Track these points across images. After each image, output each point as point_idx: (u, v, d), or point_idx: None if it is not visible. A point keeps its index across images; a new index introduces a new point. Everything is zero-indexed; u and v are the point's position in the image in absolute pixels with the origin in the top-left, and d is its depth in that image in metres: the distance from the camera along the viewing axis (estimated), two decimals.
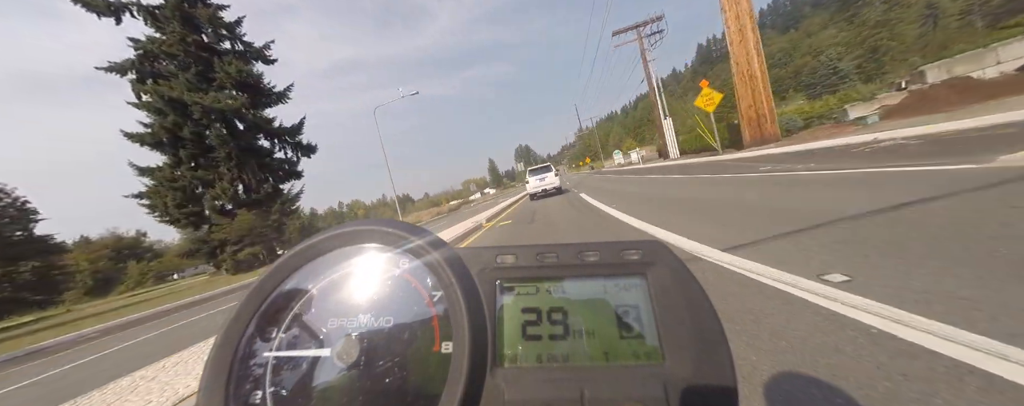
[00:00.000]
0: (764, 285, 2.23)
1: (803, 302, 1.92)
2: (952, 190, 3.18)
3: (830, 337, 1.57)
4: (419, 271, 0.31)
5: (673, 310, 0.29)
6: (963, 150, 4.98)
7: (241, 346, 0.30)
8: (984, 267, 1.85)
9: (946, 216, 2.65)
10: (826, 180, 5.07)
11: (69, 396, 3.11)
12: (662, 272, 0.31)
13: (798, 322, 1.75)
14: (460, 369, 0.26)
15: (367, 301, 0.31)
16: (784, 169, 7.08)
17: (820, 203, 3.88)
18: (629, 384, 0.27)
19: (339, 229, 0.33)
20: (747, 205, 4.78)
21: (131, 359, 5.57)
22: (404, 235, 0.32)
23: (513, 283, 0.32)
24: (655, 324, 0.29)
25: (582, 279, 0.31)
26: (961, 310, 1.55)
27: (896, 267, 2.06)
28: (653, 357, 0.28)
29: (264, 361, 0.30)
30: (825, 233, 2.88)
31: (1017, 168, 3.45)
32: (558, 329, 0.30)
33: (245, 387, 0.29)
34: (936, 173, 3.95)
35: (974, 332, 1.39)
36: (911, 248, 2.26)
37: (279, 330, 0.31)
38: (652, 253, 0.31)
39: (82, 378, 5.15)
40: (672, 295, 0.30)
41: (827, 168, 5.98)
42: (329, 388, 0.28)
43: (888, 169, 4.79)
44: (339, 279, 0.32)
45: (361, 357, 0.28)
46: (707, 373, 0.27)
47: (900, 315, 1.60)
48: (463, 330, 0.28)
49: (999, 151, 4.04)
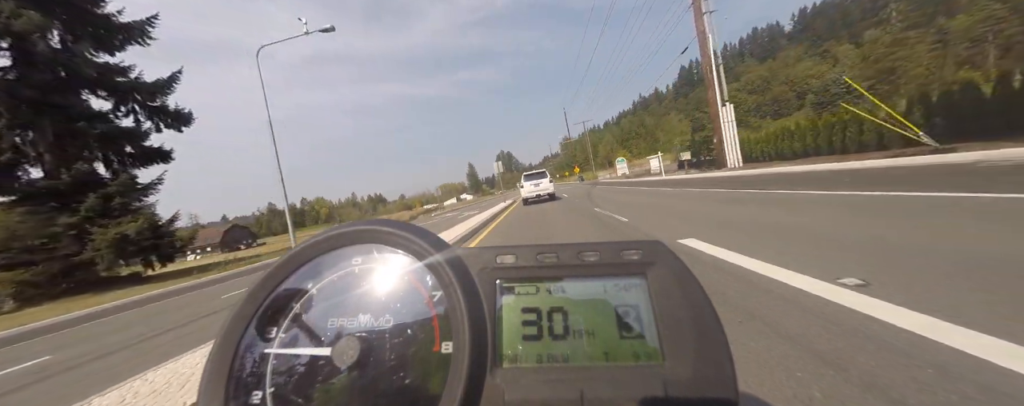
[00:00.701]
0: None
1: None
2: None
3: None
4: (419, 271, 0.31)
5: (673, 310, 0.29)
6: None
7: (241, 346, 0.30)
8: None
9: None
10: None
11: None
12: (662, 272, 0.31)
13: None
14: (460, 369, 0.26)
15: (367, 301, 0.31)
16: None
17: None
18: (629, 384, 0.27)
19: (339, 229, 0.33)
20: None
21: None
22: (404, 235, 0.32)
23: (513, 283, 0.32)
24: (655, 324, 0.29)
25: (582, 279, 0.31)
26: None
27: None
28: (653, 357, 0.28)
29: (264, 361, 0.30)
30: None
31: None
32: (558, 329, 0.30)
33: (245, 387, 0.29)
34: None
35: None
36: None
37: (279, 330, 0.31)
38: (652, 253, 0.31)
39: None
40: (672, 295, 0.30)
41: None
42: (329, 388, 0.28)
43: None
44: (339, 279, 0.32)
45: (361, 357, 0.28)
46: (707, 373, 0.27)
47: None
48: (463, 330, 0.27)
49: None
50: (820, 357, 1.61)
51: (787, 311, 2.11)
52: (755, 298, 2.38)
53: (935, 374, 1.38)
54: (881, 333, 1.70)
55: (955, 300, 1.89)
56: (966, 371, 1.37)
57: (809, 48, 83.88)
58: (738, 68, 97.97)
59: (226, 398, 0.28)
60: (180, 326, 6.13)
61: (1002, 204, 3.70)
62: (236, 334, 0.30)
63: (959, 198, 4.26)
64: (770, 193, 7.28)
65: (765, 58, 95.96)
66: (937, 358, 1.47)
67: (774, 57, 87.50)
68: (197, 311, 7.38)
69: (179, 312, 7.58)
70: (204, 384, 0.29)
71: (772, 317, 2.06)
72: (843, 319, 1.90)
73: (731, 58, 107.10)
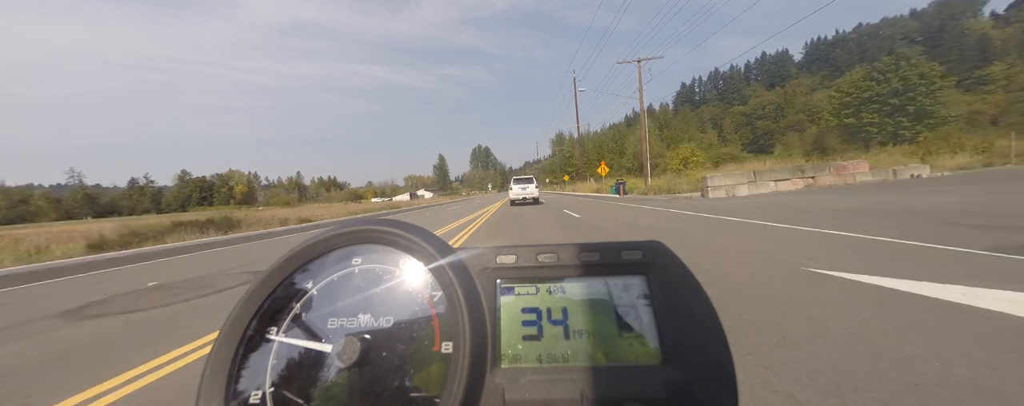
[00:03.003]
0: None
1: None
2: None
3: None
4: (419, 271, 0.31)
5: (673, 310, 0.29)
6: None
7: (241, 346, 0.30)
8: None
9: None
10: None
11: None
12: (662, 272, 0.31)
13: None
14: (460, 369, 0.26)
15: (367, 301, 0.31)
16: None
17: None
18: (629, 384, 0.27)
19: (339, 229, 0.33)
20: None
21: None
22: (404, 235, 0.32)
23: (513, 283, 0.32)
24: (655, 324, 0.29)
25: (582, 279, 0.31)
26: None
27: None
28: (653, 357, 0.28)
29: (264, 361, 0.29)
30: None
31: None
32: (558, 329, 0.30)
33: (245, 387, 0.29)
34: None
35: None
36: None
37: (279, 330, 0.31)
38: (652, 253, 0.31)
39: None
40: (672, 295, 0.30)
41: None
42: (329, 388, 0.28)
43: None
44: (339, 279, 0.32)
45: (361, 357, 0.28)
46: (707, 373, 0.27)
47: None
48: (463, 330, 0.27)
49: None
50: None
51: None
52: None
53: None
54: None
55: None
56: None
57: (825, 78, 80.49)
58: (745, 90, 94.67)
59: (226, 398, 0.28)
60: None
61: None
62: (236, 334, 0.30)
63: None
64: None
65: (773, 84, 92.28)
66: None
67: (784, 85, 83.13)
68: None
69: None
70: (204, 384, 0.29)
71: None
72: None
73: (737, 81, 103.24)
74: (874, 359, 1.62)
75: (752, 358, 1.72)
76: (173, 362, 2.22)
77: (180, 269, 5.92)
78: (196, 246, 9.33)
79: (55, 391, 1.94)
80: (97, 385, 1.99)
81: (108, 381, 2.03)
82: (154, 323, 3.07)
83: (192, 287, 4.33)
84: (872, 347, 1.73)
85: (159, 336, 2.73)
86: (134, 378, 2.05)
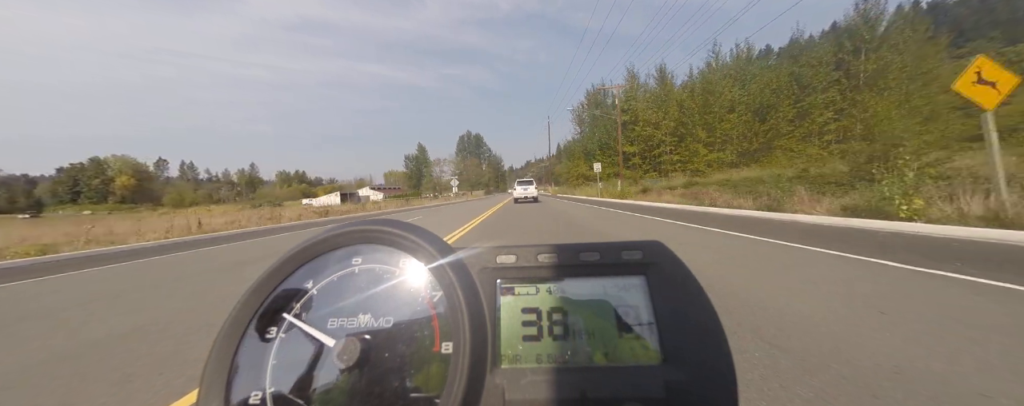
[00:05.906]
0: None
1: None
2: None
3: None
4: (419, 271, 0.31)
5: (673, 310, 0.29)
6: None
7: (241, 346, 0.30)
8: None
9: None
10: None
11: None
12: (662, 272, 0.31)
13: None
14: (460, 369, 0.26)
15: (367, 301, 0.31)
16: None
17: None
18: (629, 384, 0.27)
19: (339, 229, 0.33)
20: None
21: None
22: (405, 235, 0.32)
23: (513, 283, 0.32)
24: (655, 324, 0.29)
25: (582, 279, 0.31)
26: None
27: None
28: (653, 357, 0.28)
29: (264, 361, 0.30)
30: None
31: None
32: (558, 329, 0.30)
33: (245, 387, 0.29)
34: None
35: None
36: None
37: (279, 330, 0.31)
38: (652, 253, 0.31)
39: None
40: (672, 295, 0.30)
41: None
42: (329, 388, 0.28)
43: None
44: (339, 279, 0.32)
45: (361, 357, 0.28)
46: (707, 373, 0.27)
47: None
48: (463, 330, 0.27)
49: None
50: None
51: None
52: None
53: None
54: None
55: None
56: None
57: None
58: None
59: (226, 398, 0.28)
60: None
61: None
62: (236, 334, 0.30)
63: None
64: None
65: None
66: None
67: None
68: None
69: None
70: (204, 384, 0.29)
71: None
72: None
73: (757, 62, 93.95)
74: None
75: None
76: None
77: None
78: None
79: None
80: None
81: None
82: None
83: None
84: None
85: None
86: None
